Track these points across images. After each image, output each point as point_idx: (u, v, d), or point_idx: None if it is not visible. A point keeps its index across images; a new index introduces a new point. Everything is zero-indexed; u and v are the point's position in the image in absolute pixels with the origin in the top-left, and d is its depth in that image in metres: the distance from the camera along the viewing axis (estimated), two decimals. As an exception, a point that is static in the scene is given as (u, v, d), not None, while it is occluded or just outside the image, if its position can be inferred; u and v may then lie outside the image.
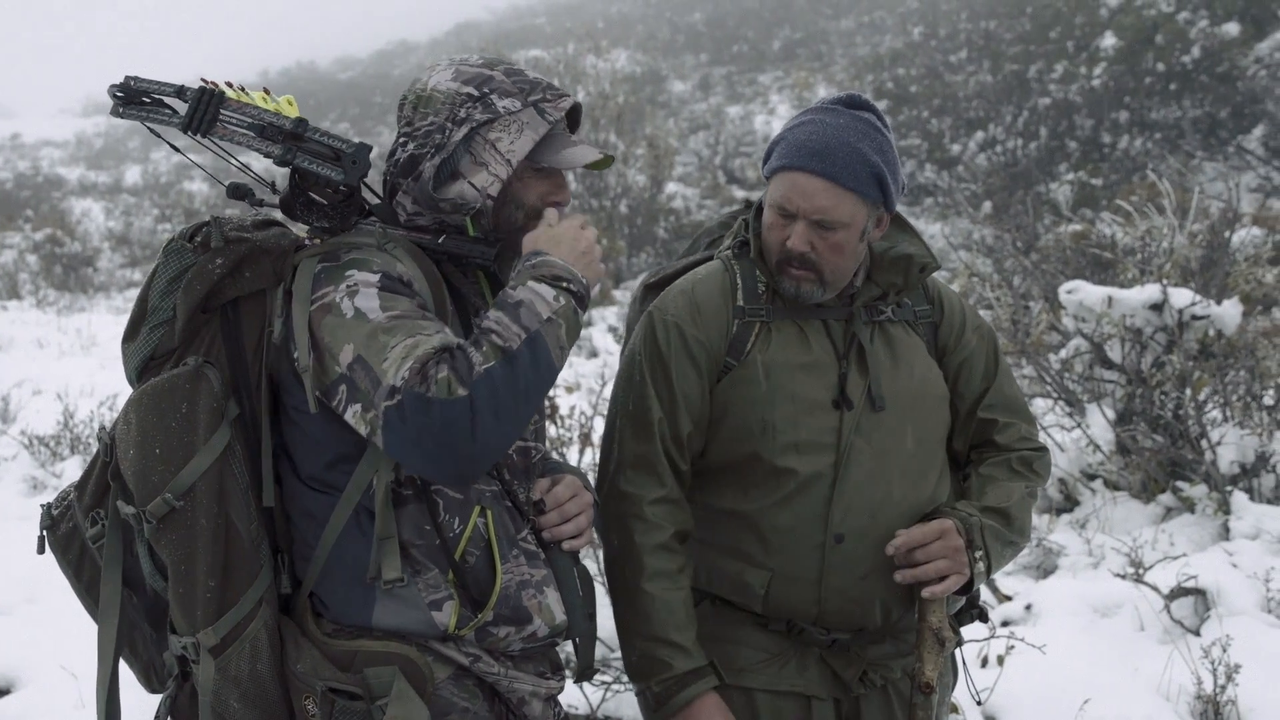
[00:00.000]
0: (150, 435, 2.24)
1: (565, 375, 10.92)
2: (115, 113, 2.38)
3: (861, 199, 2.65)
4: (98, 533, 2.37)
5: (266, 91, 2.40)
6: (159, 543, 2.25)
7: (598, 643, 2.74)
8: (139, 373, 2.34)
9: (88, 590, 2.46)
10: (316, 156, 2.30)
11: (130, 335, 2.36)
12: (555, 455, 2.77)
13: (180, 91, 2.33)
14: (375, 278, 2.24)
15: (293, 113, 2.36)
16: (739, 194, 23.63)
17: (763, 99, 33.40)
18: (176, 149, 2.59)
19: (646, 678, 2.69)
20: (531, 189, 2.44)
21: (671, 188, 22.65)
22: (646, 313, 2.82)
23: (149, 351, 2.32)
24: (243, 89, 2.38)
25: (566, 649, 2.74)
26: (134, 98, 2.35)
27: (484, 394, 2.09)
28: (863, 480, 2.68)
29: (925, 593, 2.66)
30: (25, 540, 2.54)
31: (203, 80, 2.36)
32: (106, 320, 16.62)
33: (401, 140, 2.44)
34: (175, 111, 2.34)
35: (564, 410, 6.68)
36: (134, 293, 21.05)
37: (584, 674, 2.62)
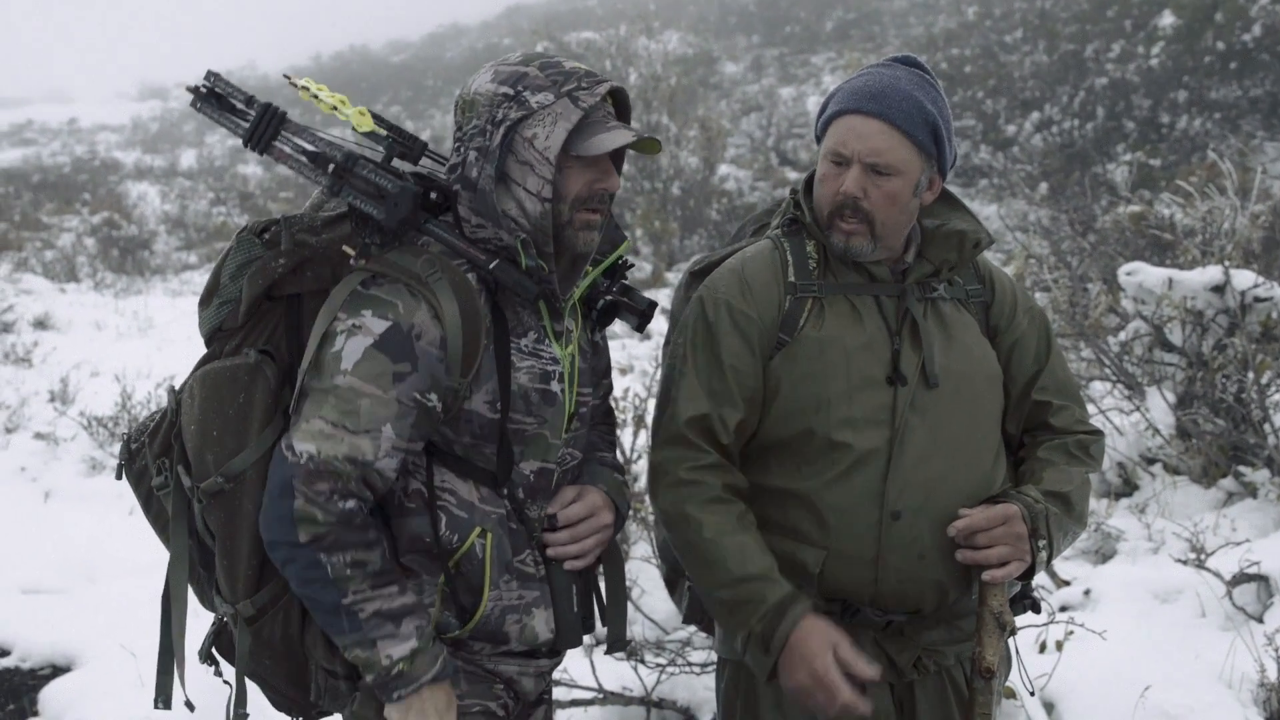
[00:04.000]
0: (209, 418, 2.39)
1: (619, 357, 10.93)
2: (194, 105, 2.52)
3: (916, 149, 2.64)
4: (161, 482, 2.54)
5: (339, 102, 2.48)
6: (209, 516, 2.45)
7: (652, 625, 2.75)
8: (208, 339, 2.51)
9: (156, 519, 2.65)
10: (361, 193, 2.39)
11: (204, 301, 2.50)
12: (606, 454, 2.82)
13: (249, 101, 2.47)
14: (381, 328, 2.32)
15: (365, 123, 2.47)
16: (792, 176, 23.49)
17: (815, 80, 33.16)
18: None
19: (744, 622, 2.63)
20: (576, 178, 2.44)
21: (724, 170, 22.55)
22: (697, 294, 2.81)
23: (217, 323, 2.47)
24: (311, 89, 2.49)
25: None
26: (210, 98, 2.50)
27: (297, 557, 2.29)
28: (918, 457, 2.65)
29: (986, 576, 2.63)
30: (85, 521, 2.60)
31: (286, 77, 2.52)
32: (163, 303, 16.79)
33: (456, 144, 2.48)
34: (239, 121, 2.48)
35: (617, 392, 6.66)
36: (189, 275, 21.33)
37: (614, 645, 2.72)
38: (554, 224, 2.43)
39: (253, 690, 2.62)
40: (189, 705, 2.60)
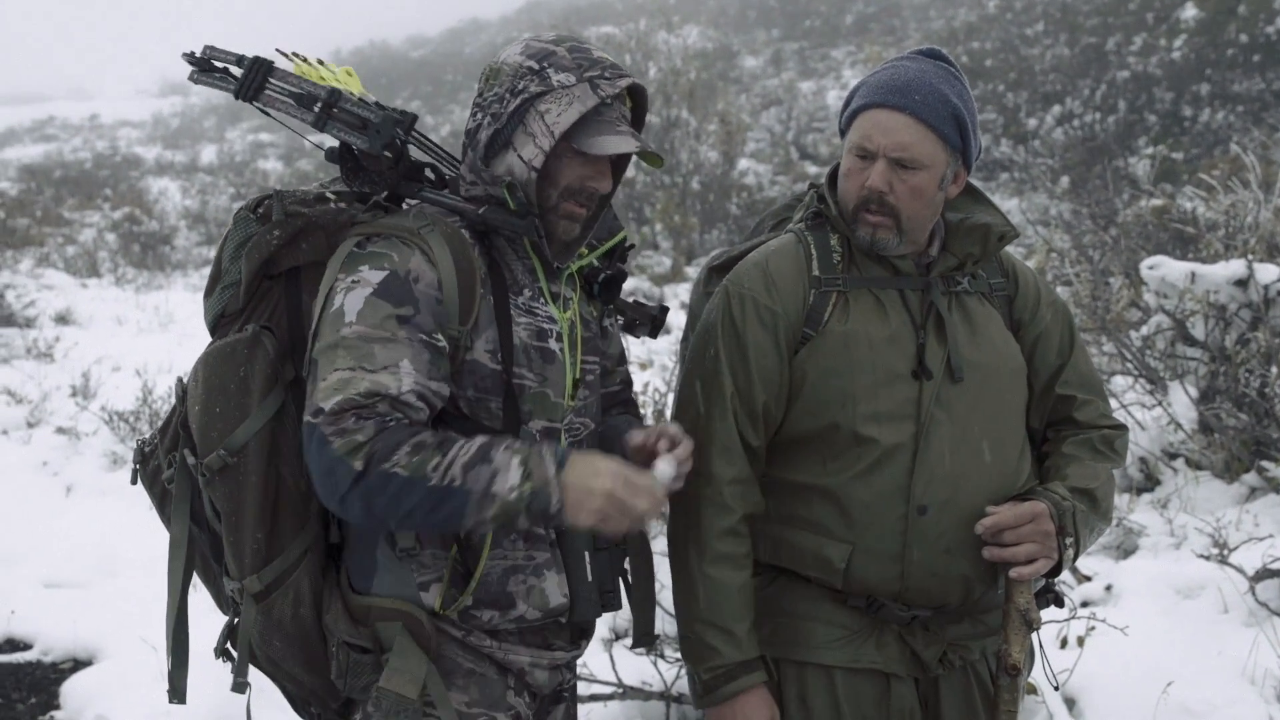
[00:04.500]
0: (213, 394, 2.41)
1: (638, 352, 10.92)
2: (192, 78, 2.59)
3: (942, 142, 2.63)
4: (171, 475, 2.53)
5: (321, 62, 2.58)
6: (213, 493, 2.44)
7: (672, 620, 2.74)
8: (213, 327, 2.55)
9: (168, 522, 2.62)
10: (347, 125, 2.45)
11: (209, 291, 2.57)
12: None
13: (240, 61, 2.53)
14: (378, 277, 2.33)
15: (353, 84, 2.54)
16: (812, 170, 23.45)
17: (835, 74, 33.09)
18: (299, 132, 2.76)
19: (696, 663, 2.69)
20: (570, 169, 2.46)
21: (744, 164, 22.52)
22: (721, 287, 2.80)
23: (220, 309, 2.52)
24: (305, 59, 2.57)
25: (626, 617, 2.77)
26: (207, 66, 2.57)
27: (374, 485, 2.19)
28: (944, 451, 2.64)
29: (1013, 574, 2.62)
30: (107, 516, 2.62)
31: (279, 51, 2.57)
32: (183, 298, 16.84)
33: (473, 111, 2.52)
34: (232, 79, 2.55)
35: (637, 387, 6.65)
36: (210, 270, 21.28)
37: (641, 640, 2.71)
38: (540, 205, 2.46)
39: (274, 692, 2.63)
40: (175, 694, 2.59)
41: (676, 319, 14.18)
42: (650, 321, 2.79)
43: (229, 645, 2.60)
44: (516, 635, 2.52)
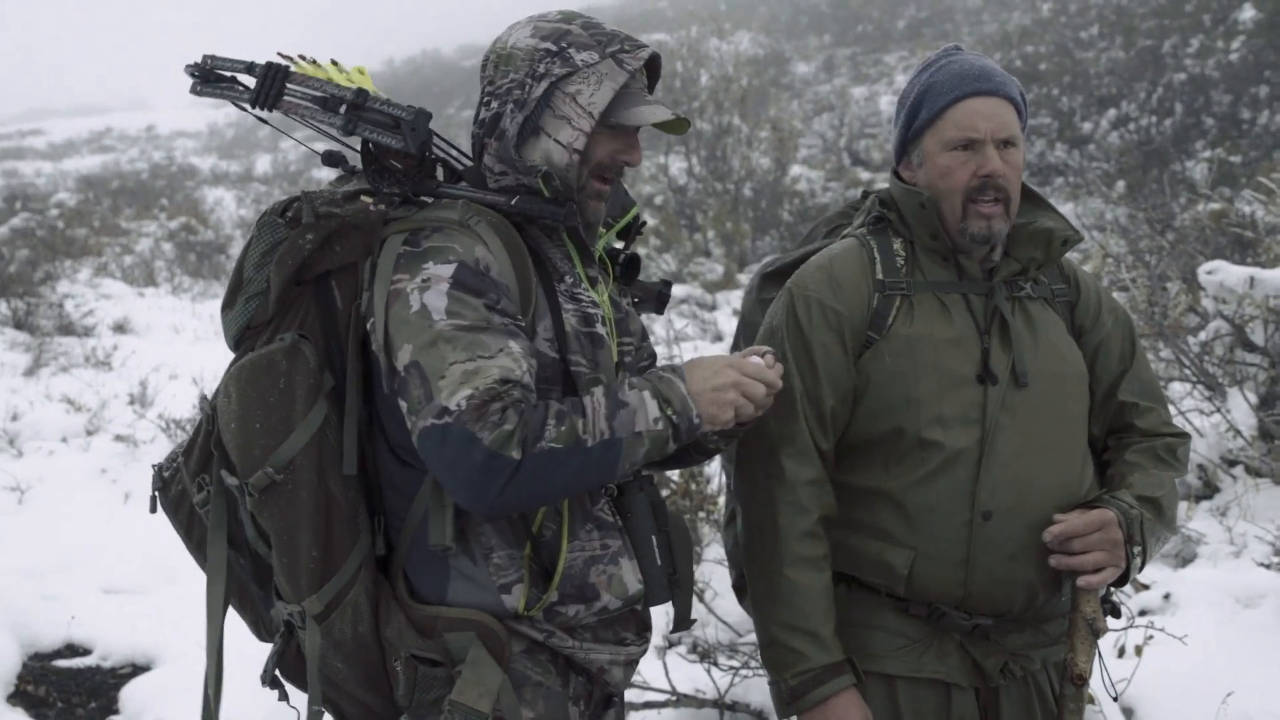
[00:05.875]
0: (250, 410, 2.31)
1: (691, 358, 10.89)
2: (194, 90, 2.48)
3: (1019, 118, 2.71)
4: (203, 499, 2.45)
5: (334, 62, 2.47)
6: (262, 513, 2.32)
7: (726, 628, 2.73)
8: (236, 341, 2.42)
9: (198, 548, 2.55)
10: (377, 125, 2.35)
11: (228, 304, 2.43)
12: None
13: (250, 68, 2.42)
14: (450, 270, 2.24)
15: (365, 82, 2.43)
16: (864, 176, 23.38)
17: (888, 79, 32.97)
18: (302, 143, 2.72)
19: (781, 669, 2.65)
20: (601, 146, 2.42)
21: (796, 170, 22.49)
22: (784, 290, 2.79)
23: (245, 321, 2.40)
24: (314, 61, 2.45)
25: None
26: (210, 76, 2.46)
27: (533, 468, 2.12)
28: (1009, 457, 2.62)
29: (1081, 582, 2.60)
30: (165, 522, 2.60)
31: (281, 55, 2.44)
32: (239, 307, 16.95)
33: (485, 100, 2.45)
34: (248, 88, 2.42)
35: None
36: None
37: (680, 624, 2.59)
38: (576, 186, 2.41)
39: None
40: None
41: (729, 326, 14.21)
42: (655, 298, 2.76)
43: (277, 672, 2.49)
44: (593, 632, 2.45)
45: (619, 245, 2.70)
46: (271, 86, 2.38)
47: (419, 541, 2.38)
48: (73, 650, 5.98)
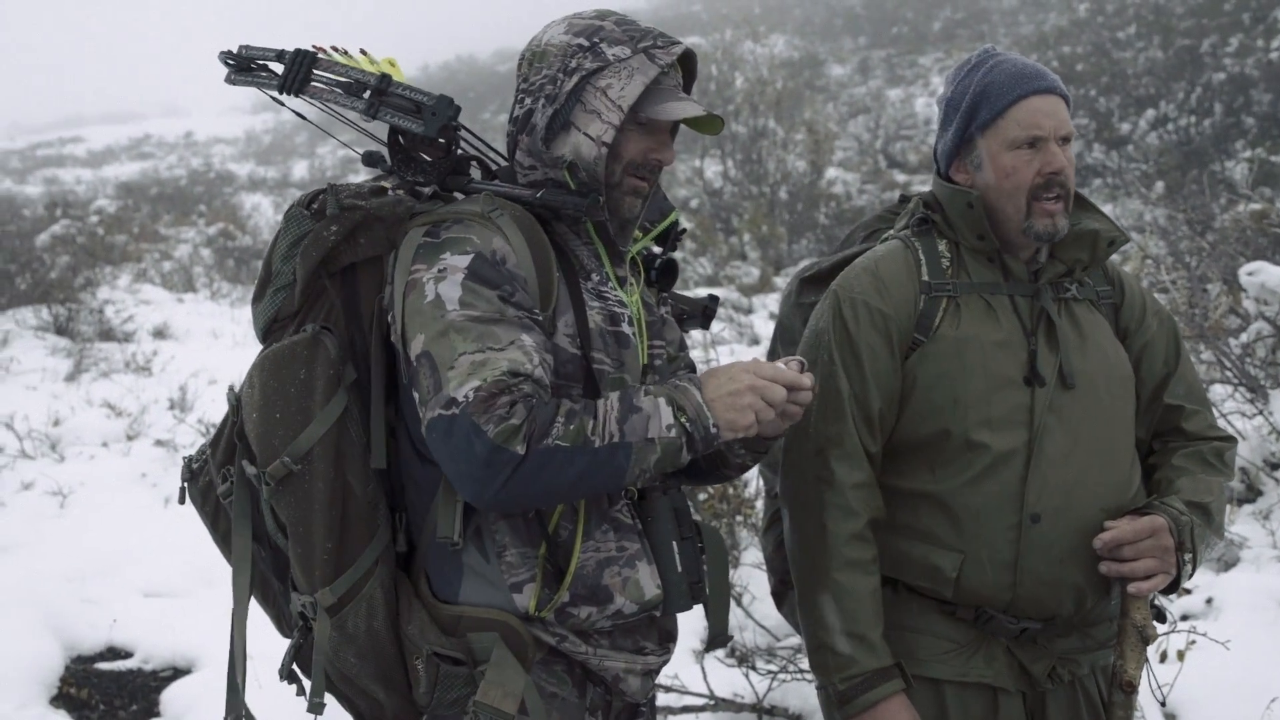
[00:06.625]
0: (271, 400, 2.31)
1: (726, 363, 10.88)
2: (229, 80, 2.50)
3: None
4: (227, 489, 2.45)
5: (364, 52, 2.48)
6: (278, 503, 2.32)
7: (764, 632, 2.71)
8: (265, 333, 2.42)
9: (224, 540, 2.53)
10: (399, 110, 2.35)
11: (257, 297, 2.43)
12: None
13: (280, 56, 2.44)
14: (465, 261, 2.24)
15: (396, 74, 2.42)
16: (900, 178, 23.31)
17: (924, 81, 32.90)
18: (343, 143, 2.71)
19: (830, 673, 2.63)
20: (632, 143, 2.40)
21: (831, 173, 22.47)
22: (829, 293, 2.77)
23: (273, 314, 2.39)
24: (345, 51, 2.46)
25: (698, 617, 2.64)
26: (244, 65, 2.48)
27: (537, 464, 2.10)
28: (1057, 459, 2.60)
29: (1132, 589, 2.57)
30: (202, 527, 2.60)
31: (315, 46, 2.45)
32: (277, 311, 17.03)
33: (519, 97, 2.45)
34: (278, 75, 2.44)
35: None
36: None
37: (714, 642, 2.56)
38: (605, 181, 2.39)
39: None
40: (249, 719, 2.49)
41: (764, 329, 14.18)
42: (701, 313, 2.74)
43: (294, 666, 2.49)
44: (609, 638, 2.42)
45: (657, 250, 2.68)
46: (299, 72, 2.40)
47: (436, 540, 2.37)
48: (114, 653, 6.03)
